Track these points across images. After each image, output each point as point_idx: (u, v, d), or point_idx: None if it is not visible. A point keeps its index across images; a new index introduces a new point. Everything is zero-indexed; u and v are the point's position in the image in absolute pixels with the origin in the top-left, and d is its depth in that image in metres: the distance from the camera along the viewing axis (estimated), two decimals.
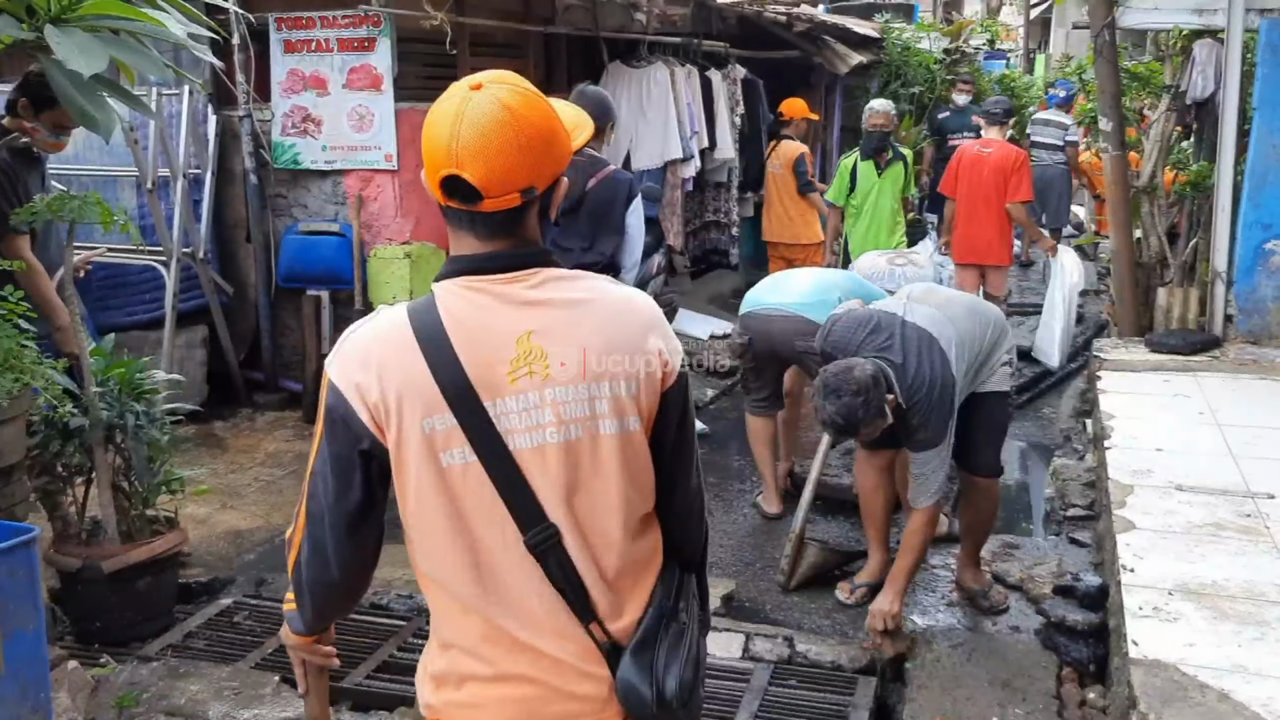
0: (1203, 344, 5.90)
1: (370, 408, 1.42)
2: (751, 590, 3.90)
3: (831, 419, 3.16)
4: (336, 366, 1.45)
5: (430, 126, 1.43)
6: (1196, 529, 3.49)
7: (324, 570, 1.52)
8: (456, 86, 1.45)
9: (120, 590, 3.52)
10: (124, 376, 3.51)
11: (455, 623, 1.49)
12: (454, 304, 1.44)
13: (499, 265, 1.46)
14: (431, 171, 1.44)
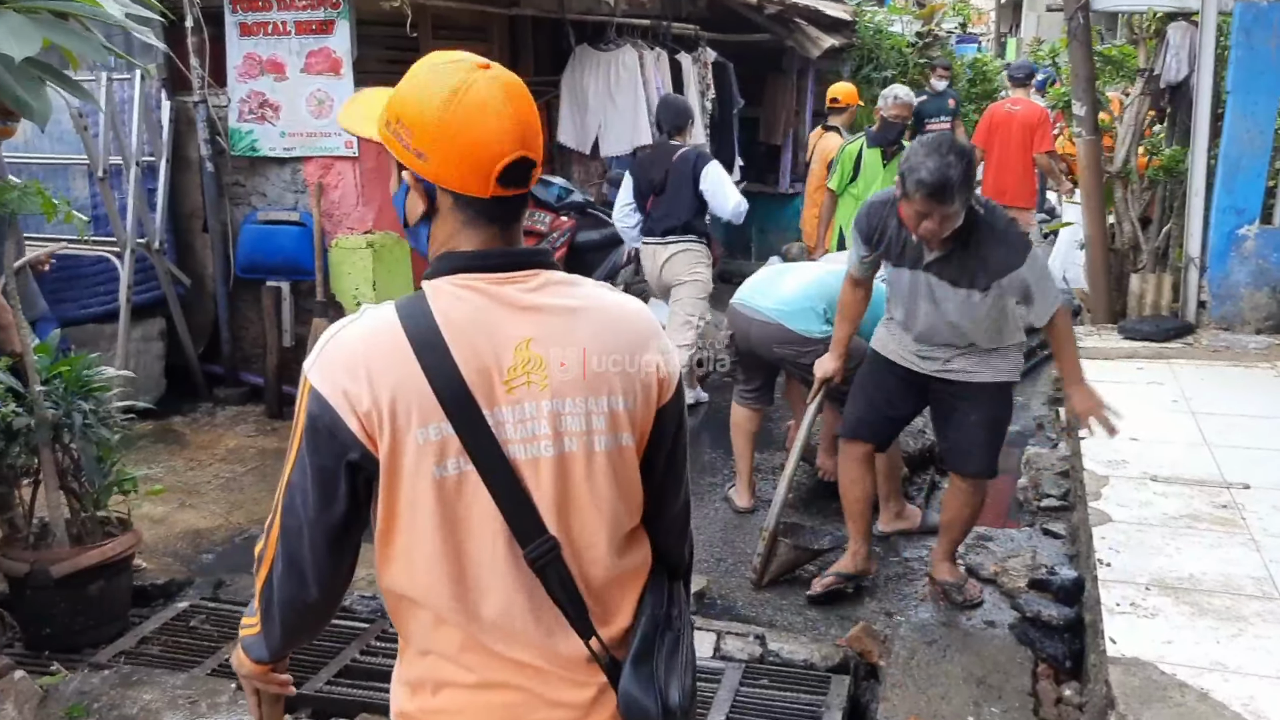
0: (1176, 330, 5.88)
1: (361, 416, 1.32)
2: (723, 587, 3.83)
3: (927, 176, 2.97)
4: (319, 372, 1.34)
5: (461, 110, 1.33)
6: (1173, 521, 3.44)
7: (300, 589, 1.41)
8: (451, 68, 1.36)
9: (70, 595, 3.39)
10: (69, 374, 3.37)
11: (431, 633, 1.41)
12: (448, 305, 1.36)
13: (500, 263, 1.39)
14: (485, 160, 1.34)
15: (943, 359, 3.40)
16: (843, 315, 3.65)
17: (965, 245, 3.18)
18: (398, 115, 1.36)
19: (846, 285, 3.61)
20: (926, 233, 3.10)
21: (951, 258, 3.20)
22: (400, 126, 1.36)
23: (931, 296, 3.29)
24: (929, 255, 3.23)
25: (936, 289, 3.26)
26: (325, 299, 5.63)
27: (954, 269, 3.20)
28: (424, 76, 1.37)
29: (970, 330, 3.30)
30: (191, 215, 5.88)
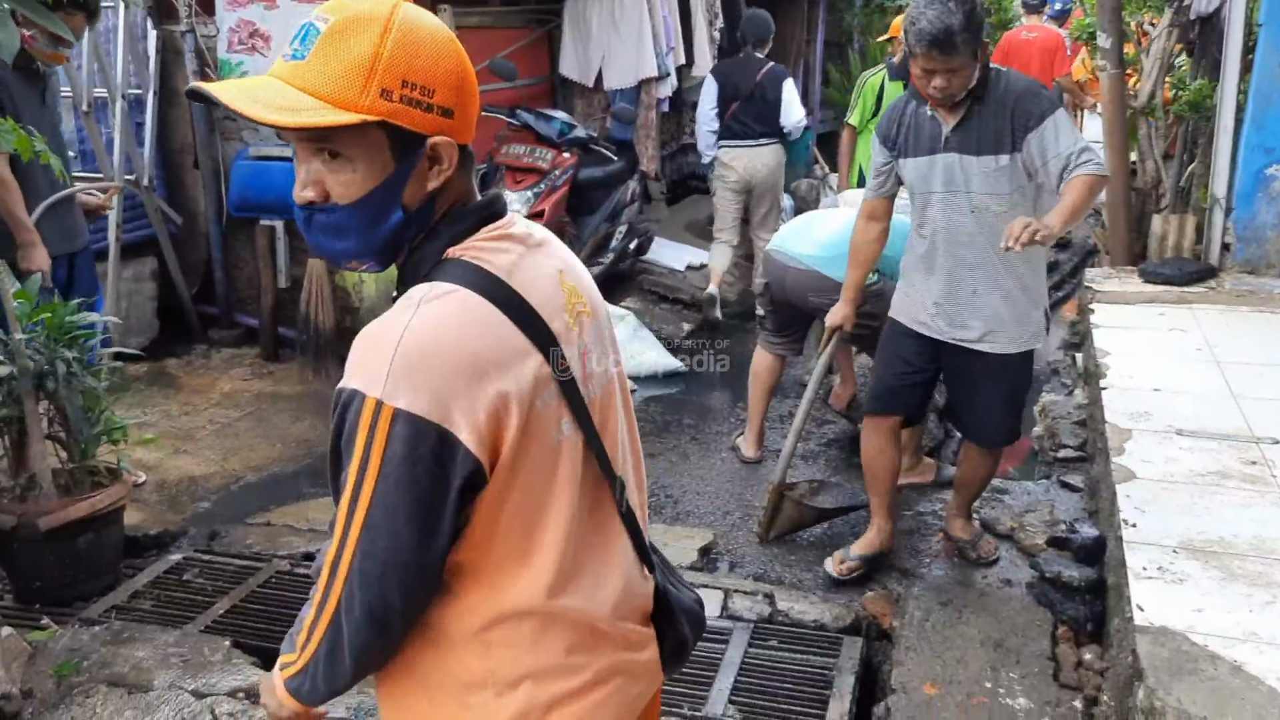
0: (1198, 274, 5.69)
1: (478, 428, 1.13)
2: (730, 541, 3.73)
3: (928, 25, 2.81)
4: (409, 390, 1.10)
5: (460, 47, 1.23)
6: (1200, 478, 3.31)
7: (385, 635, 1.19)
8: (414, 8, 1.22)
9: (59, 548, 3.29)
10: (52, 321, 3.23)
11: (530, 652, 1.24)
12: (501, 261, 1.22)
13: (499, 209, 1.29)
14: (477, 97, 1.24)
15: (963, 320, 3.17)
16: (855, 258, 3.45)
17: (984, 104, 2.98)
18: (405, 76, 1.15)
19: (860, 220, 3.40)
20: (937, 91, 2.92)
21: (971, 123, 3.00)
22: (415, 89, 1.15)
23: (954, 194, 3.04)
24: (947, 128, 3.03)
25: (959, 174, 3.02)
26: None
27: (975, 135, 2.99)
28: (410, 21, 1.17)
29: (994, 226, 2.99)
30: (181, 150, 5.68)
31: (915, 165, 3.14)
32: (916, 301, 3.28)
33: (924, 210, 3.18)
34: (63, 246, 4.00)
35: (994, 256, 3.07)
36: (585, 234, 6.21)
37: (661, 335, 6.08)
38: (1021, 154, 2.96)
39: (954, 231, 3.11)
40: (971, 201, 3.05)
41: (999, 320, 3.15)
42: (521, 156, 5.93)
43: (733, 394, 5.47)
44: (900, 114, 3.19)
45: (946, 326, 3.22)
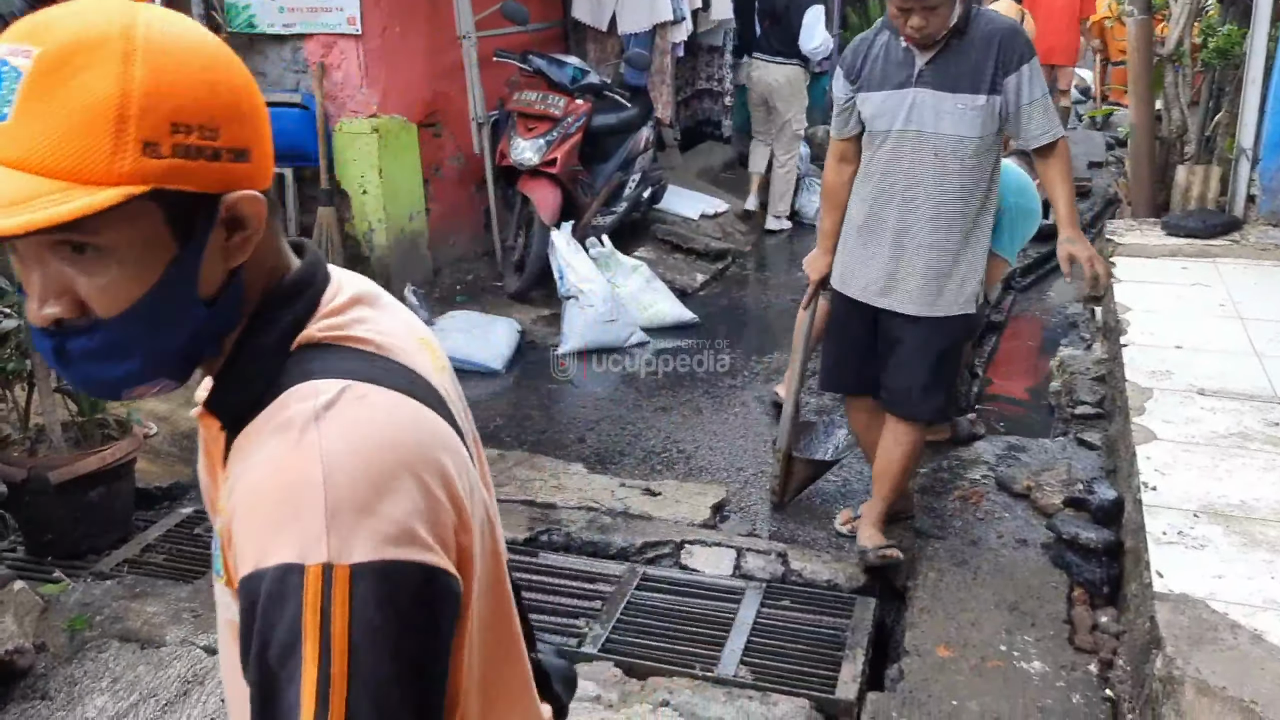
0: (1223, 226, 5.58)
1: (447, 545, 0.85)
2: (742, 499, 3.70)
3: None
4: (364, 538, 0.79)
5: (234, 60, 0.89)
6: (1221, 440, 3.26)
7: None
8: (178, 17, 0.87)
9: (70, 501, 3.29)
10: None
11: None
12: (367, 333, 0.92)
13: (322, 267, 0.97)
14: (265, 124, 0.91)
15: (900, 280, 3.00)
16: (828, 202, 3.26)
17: (963, 40, 2.86)
18: (174, 116, 0.80)
19: (831, 162, 3.24)
20: (915, 31, 2.80)
21: (948, 60, 2.86)
22: (192, 132, 0.81)
23: (919, 135, 2.91)
24: (920, 62, 2.89)
25: (928, 112, 2.88)
26: (330, 186, 5.39)
27: (951, 72, 2.86)
28: (159, 33, 0.81)
29: (955, 174, 2.89)
30: None
31: (881, 100, 2.97)
32: (857, 268, 3.11)
33: (878, 151, 3.01)
34: None
35: (947, 207, 2.94)
36: (598, 182, 6.12)
37: (675, 285, 6.02)
38: (1000, 96, 2.86)
39: (910, 176, 2.95)
40: (936, 144, 2.91)
41: (939, 279, 2.98)
42: (534, 103, 5.82)
43: (747, 346, 5.42)
44: (868, 45, 3.04)
45: (880, 294, 3.06)
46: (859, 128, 3.12)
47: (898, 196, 2.99)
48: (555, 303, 5.51)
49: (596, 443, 4.23)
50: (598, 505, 3.56)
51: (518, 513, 3.51)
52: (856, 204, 3.13)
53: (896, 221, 3.00)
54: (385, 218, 5.43)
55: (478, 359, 5.01)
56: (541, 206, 5.64)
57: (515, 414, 4.53)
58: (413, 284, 5.39)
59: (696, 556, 3.25)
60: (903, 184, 2.98)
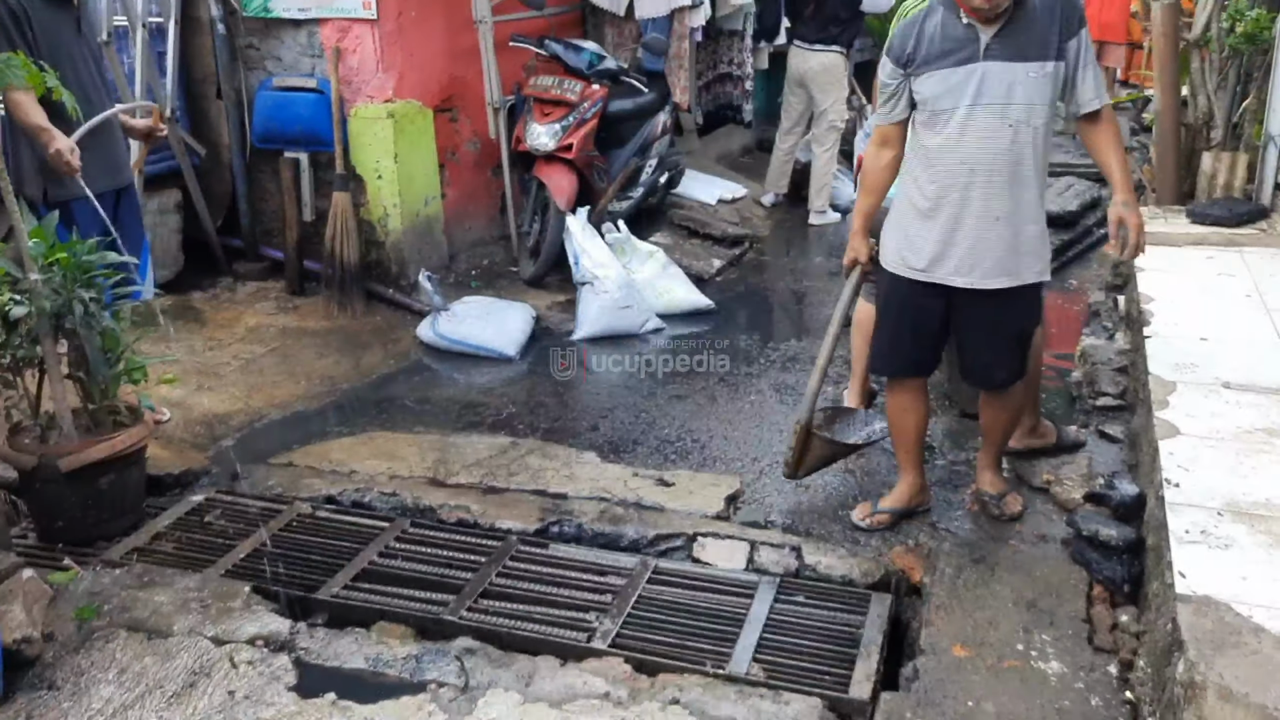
0: (1249, 215, 5.48)
1: None
2: (756, 490, 3.65)
3: None
4: None
5: None
6: (1247, 435, 3.19)
7: None
8: None
9: (80, 488, 3.28)
10: (67, 261, 3.17)
11: None
12: None
13: None
14: None
15: (984, 256, 3.01)
16: (866, 186, 3.26)
17: (1024, 10, 2.88)
18: None
19: (872, 147, 3.22)
20: (986, 3, 2.81)
21: (1014, 30, 2.88)
22: None
23: (990, 107, 2.90)
24: (986, 36, 2.89)
25: (999, 84, 2.89)
26: (346, 172, 5.36)
27: (1020, 41, 2.88)
28: None
29: (1028, 143, 2.92)
30: (204, 81, 5.56)
31: (943, 78, 2.95)
32: (924, 247, 3.08)
33: (943, 130, 2.98)
34: (108, 181, 3.83)
35: (1022, 177, 2.96)
36: (615, 168, 6.07)
37: (691, 271, 5.96)
38: (1064, 61, 2.91)
39: (986, 149, 2.94)
40: (1009, 114, 2.91)
41: (1026, 248, 3.02)
42: (550, 88, 5.77)
43: (763, 333, 5.36)
44: (918, 27, 3.01)
45: (962, 273, 3.04)
46: (906, 112, 3.11)
47: (976, 172, 2.97)
48: (570, 288, 5.48)
49: (610, 431, 4.19)
50: (610, 495, 3.52)
51: (528, 503, 3.48)
52: (917, 186, 3.09)
53: (978, 197, 2.98)
54: (400, 203, 5.40)
55: (492, 345, 4.98)
56: (557, 192, 5.60)
57: (529, 401, 4.50)
58: (427, 269, 5.36)
59: (709, 549, 3.21)
60: (978, 159, 2.96)
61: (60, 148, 3.50)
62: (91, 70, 3.78)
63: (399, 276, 5.49)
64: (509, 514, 3.40)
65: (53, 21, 3.63)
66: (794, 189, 7.58)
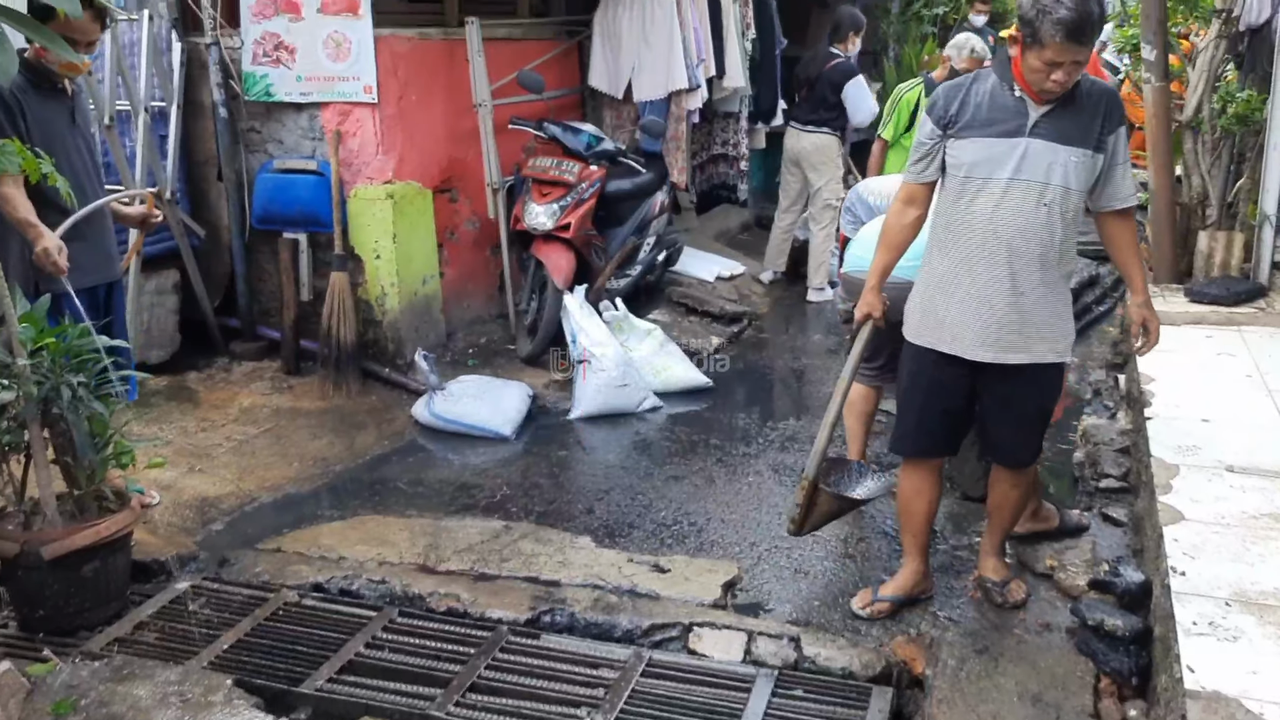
0: (1247, 294, 5.48)
1: None
2: (755, 576, 3.58)
3: (1068, 14, 2.73)
4: None
5: None
6: (1252, 521, 3.13)
7: None
8: None
9: (63, 576, 3.21)
10: (56, 346, 3.15)
11: None
12: None
13: None
14: None
15: (1013, 333, 3.00)
16: (887, 241, 3.23)
17: (1072, 98, 2.92)
18: None
19: (897, 204, 3.22)
20: (1057, 85, 2.83)
21: (1063, 114, 2.91)
22: None
23: (1028, 183, 2.91)
24: (1035, 113, 2.91)
25: (1041, 162, 2.90)
26: (344, 252, 5.38)
27: (1066, 124, 2.91)
28: None
29: (1059, 224, 2.94)
30: (205, 163, 5.62)
31: (985, 145, 2.96)
32: (952, 320, 3.07)
33: (975, 199, 2.98)
34: (98, 275, 3.79)
35: (1051, 256, 2.98)
36: (613, 246, 6.10)
37: (689, 349, 5.95)
38: (1102, 154, 2.95)
39: (1018, 225, 2.95)
40: (1046, 194, 2.92)
41: (1050, 326, 3.03)
42: (548, 169, 5.82)
43: (762, 412, 5.33)
44: (965, 92, 3.03)
45: (986, 347, 3.03)
46: (937, 175, 3.12)
47: (1005, 246, 2.97)
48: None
49: (605, 514, 4.13)
50: (604, 583, 3.45)
51: (520, 590, 3.41)
52: (943, 255, 3.09)
53: (1004, 272, 2.99)
54: (398, 282, 5.41)
55: (487, 425, 4.94)
56: (554, 270, 5.62)
57: (523, 482, 4.44)
58: (424, 348, 5.34)
59: (705, 640, 3.12)
60: (1009, 233, 2.97)
61: (48, 246, 3.42)
62: (85, 160, 3.76)
63: (396, 355, 5.48)
64: (500, 602, 3.33)
65: (47, 111, 3.61)
66: (792, 266, 7.61)
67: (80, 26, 3.42)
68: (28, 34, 2.60)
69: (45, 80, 3.62)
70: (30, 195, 3.46)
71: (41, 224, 3.45)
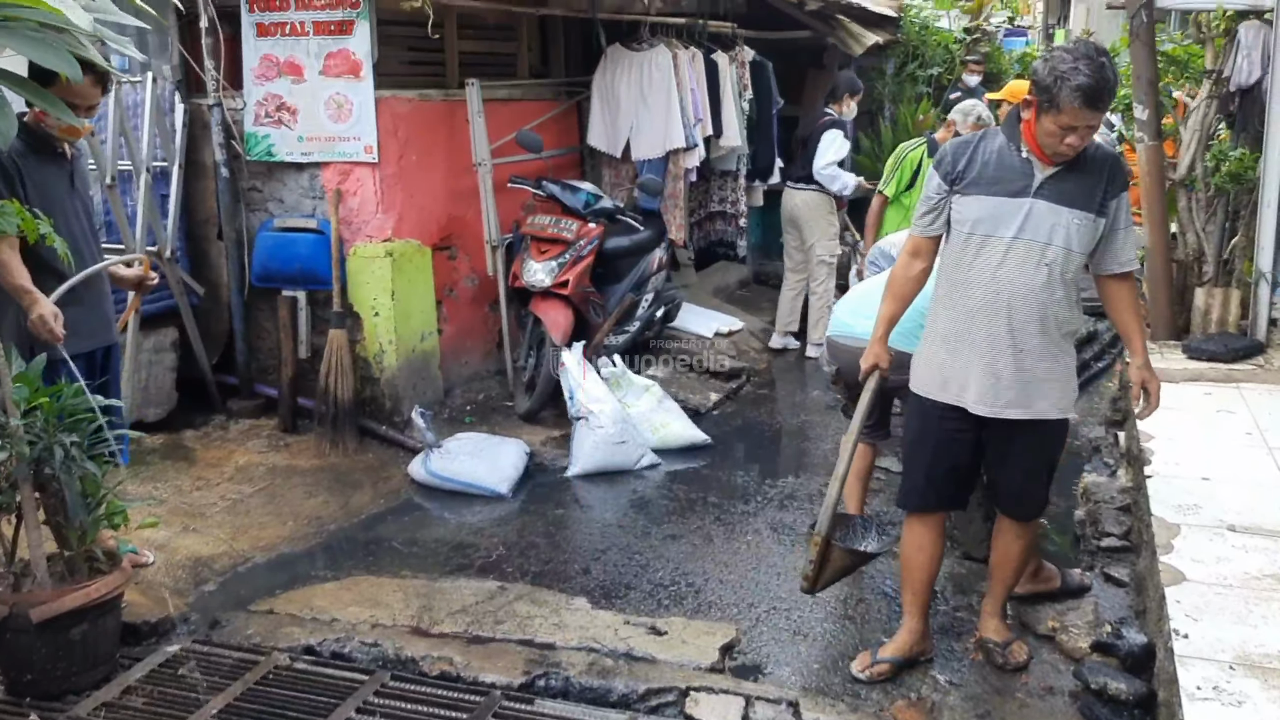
0: (1245, 350, 5.49)
1: None
2: (753, 639, 3.53)
3: (1086, 81, 2.78)
4: None
5: None
6: (1255, 582, 3.10)
7: None
8: None
9: (52, 639, 3.17)
10: (49, 406, 3.14)
11: None
12: None
13: None
14: None
15: (1015, 387, 3.02)
16: (893, 292, 3.26)
17: (1078, 161, 2.95)
18: None
19: (904, 256, 3.26)
20: (1070, 149, 2.88)
21: (1068, 177, 2.96)
22: None
23: (1030, 243, 2.95)
24: (1041, 174, 2.95)
25: (1043, 223, 2.94)
26: (343, 309, 5.39)
27: (1070, 187, 2.95)
28: None
29: (1059, 284, 2.97)
30: (206, 222, 5.66)
31: (990, 204, 3.00)
32: (955, 374, 3.10)
33: (978, 256, 3.02)
34: (98, 339, 3.79)
35: (1051, 315, 3.01)
36: (611, 303, 6.11)
37: (687, 405, 5.94)
38: (1105, 218, 2.98)
39: (1018, 283, 2.98)
40: (1047, 254, 2.96)
41: (1051, 383, 3.05)
42: (547, 227, 5.86)
43: (761, 469, 5.30)
44: (973, 149, 3.08)
45: (986, 401, 3.05)
46: (943, 229, 3.16)
47: (1005, 303, 3.00)
48: (566, 423, 5.44)
49: (602, 574, 4.08)
50: (600, 646, 3.40)
51: (514, 653, 3.36)
52: (946, 310, 3.13)
53: (1005, 328, 3.02)
54: (396, 339, 5.42)
55: (484, 483, 4.91)
56: (552, 327, 5.63)
57: (519, 542, 4.41)
58: (422, 405, 5.33)
59: (702, 705, 3.07)
60: (1009, 290, 3.00)
61: (44, 313, 3.39)
62: (83, 224, 3.75)
63: (393, 412, 5.47)
64: (493, 666, 3.28)
65: (46, 176, 3.62)
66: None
67: (81, 91, 3.42)
68: (29, 98, 2.63)
69: (44, 144, 3.64)
70: (26, 260, 3.45)
71: (37, 290, 3.43)
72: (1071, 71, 2.80)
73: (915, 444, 3.29)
